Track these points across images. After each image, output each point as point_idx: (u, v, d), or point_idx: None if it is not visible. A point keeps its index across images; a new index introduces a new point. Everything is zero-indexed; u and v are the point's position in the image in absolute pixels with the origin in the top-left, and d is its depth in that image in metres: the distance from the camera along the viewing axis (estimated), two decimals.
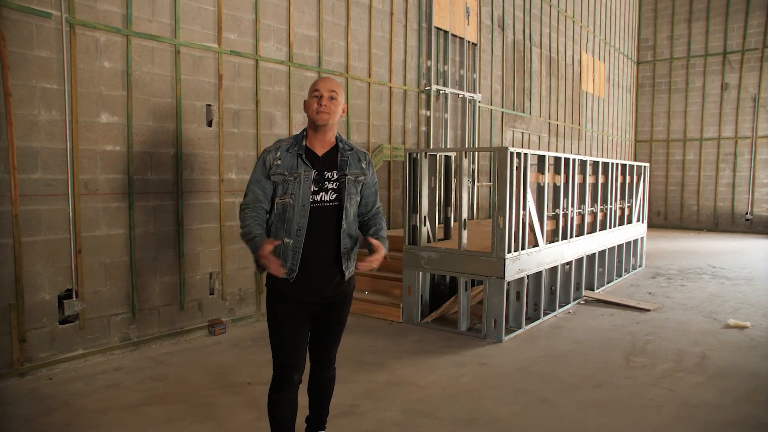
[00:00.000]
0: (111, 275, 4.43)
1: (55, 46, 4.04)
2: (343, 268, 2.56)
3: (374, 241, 2.49)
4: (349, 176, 2.56)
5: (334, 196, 2.54)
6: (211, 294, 5.16)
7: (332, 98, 2.52)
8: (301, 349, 2.60)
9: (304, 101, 2.62)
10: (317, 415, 2.90)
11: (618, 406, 3.59)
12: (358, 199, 2.63)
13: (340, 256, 2.53)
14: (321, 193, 2.52)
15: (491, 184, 5.12)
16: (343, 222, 2.53)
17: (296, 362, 2.57)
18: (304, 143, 2.56)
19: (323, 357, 2.77)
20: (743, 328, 5.33)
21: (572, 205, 6.11)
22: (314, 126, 2.54)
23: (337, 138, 2.63)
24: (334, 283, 2.56)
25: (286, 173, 2.49)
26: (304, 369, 2.63)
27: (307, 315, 2.58)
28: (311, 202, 2.49)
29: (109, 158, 4.40)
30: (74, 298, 4.19)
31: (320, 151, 2.57)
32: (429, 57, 7.79)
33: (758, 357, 4.53)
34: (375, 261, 2.45)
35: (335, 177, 2.54)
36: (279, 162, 2.51)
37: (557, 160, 5.90)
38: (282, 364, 2.57)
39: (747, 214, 13.90)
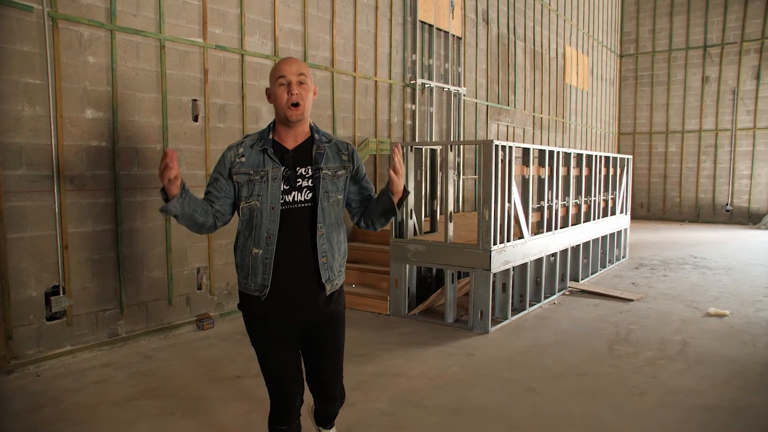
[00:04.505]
0: (98, 271, 4.42)
1: (38, 41, 4.00)
2: (323, 281, 2.15)
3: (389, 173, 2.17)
4: (325, 171, 2.16)
5: (309, 195, 2.14)
6: (198, 289, 5.16)
7: (301, 83, 2.10)
8: (296, 371, 2.26)
9: (267, 89, 2.19)
10: (325, 414, 2.63)
11: (602, 394, 3.67)
12: (339, 198, 2.21)
13: (318, 266, 2.14)
14: (294, 193, 2.12)
15: (476, 176, 5.16)
16: (320, 225, 2.14)
17: (293, 387, 2.25)
18: (271, 137, 2.16)
19: (326, 393, 2.41)
20: (723, 316, 5.46)
21: (557, 197, 6.19)
22: (285, 120, 2.14)
23: (312, 128, 2.22)
24: (315, 301, 2.18)
25: (252, 172, 2.12)
26: (303, 391, 2.31)
27: (291, 335, 2.23)
28: (282, 204, 2.10)
29: (95, 154, 4.37)
30: (61, 295, 4.18)
31: (291, 144, 2.18)
32: (414, 51, 7.81)
33: (737, 344, 4.65)
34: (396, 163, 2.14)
35: (309, 173, 2.15)
36: (242, 160, 2.13)
37: (542, 152, 5.97)
38: (279, 392, 2.25)
39: (727, 204, 14.15)
